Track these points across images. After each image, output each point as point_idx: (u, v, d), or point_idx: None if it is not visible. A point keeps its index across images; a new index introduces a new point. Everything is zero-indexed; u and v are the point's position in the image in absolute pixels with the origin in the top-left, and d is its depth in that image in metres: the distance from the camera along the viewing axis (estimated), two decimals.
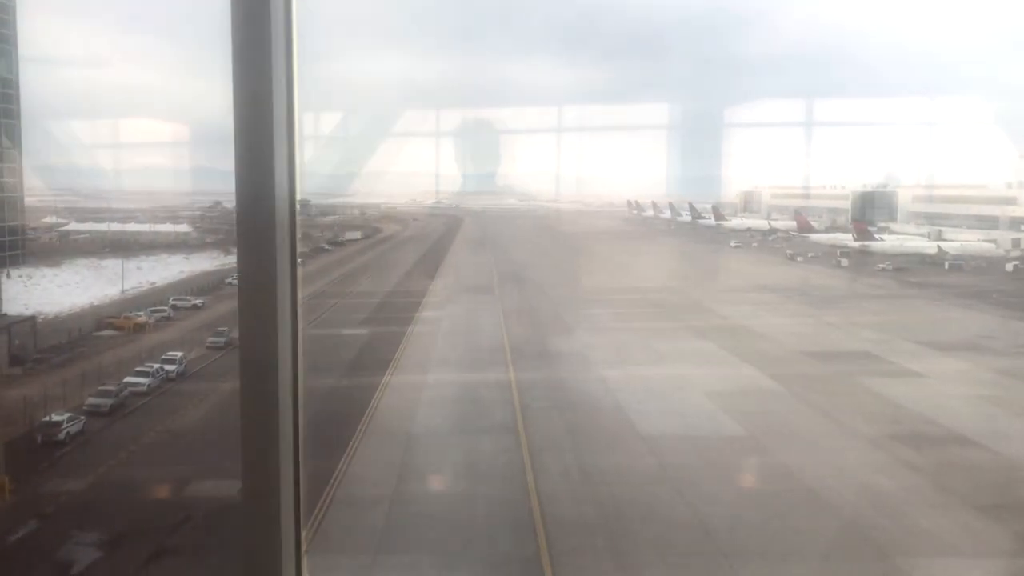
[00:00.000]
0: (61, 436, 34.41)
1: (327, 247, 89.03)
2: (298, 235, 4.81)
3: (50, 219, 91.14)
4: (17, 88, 60.93)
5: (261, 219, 4.46)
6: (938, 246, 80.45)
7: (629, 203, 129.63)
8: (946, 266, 77.39)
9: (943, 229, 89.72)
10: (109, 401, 38.33)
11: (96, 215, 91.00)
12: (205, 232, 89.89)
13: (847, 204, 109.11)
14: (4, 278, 58.56)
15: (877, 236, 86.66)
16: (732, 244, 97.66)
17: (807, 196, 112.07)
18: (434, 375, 46.75)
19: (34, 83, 65.49)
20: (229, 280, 68.91)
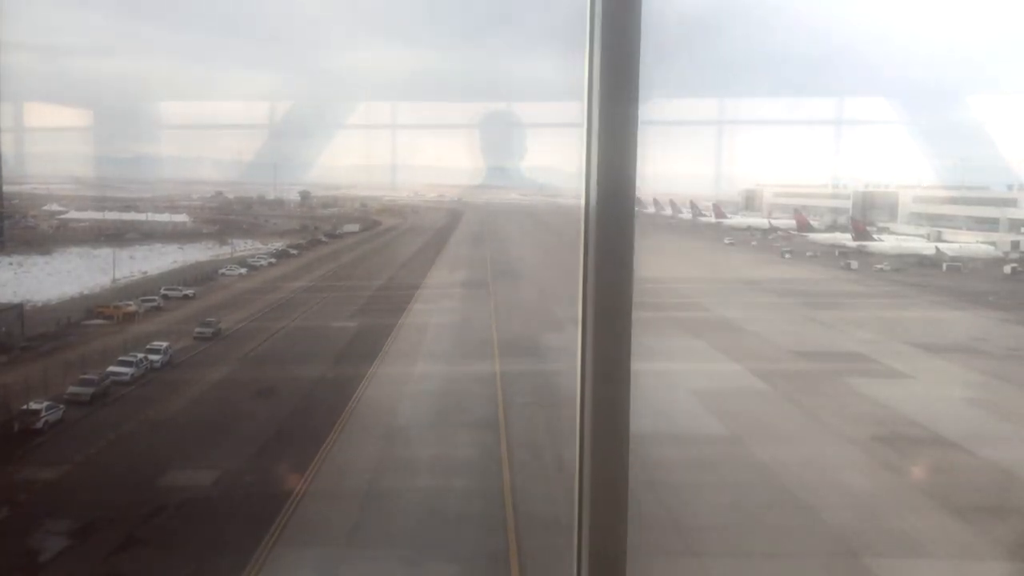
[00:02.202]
0: (39, 425, 34.48)
1: (324, 239, 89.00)
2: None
3: (50, 207, 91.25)
4: None
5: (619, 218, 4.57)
6: (936, 247, 79.98)
7: None
8: (944, 267, 76.92)
9: (943, 230, 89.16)
10: (90, 390, 38.29)
11: (97, 203, 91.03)
12: (203, 223, 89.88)
13: (849, 204, 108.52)
14: None
15: (876, 236, 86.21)
16: (726, 241, 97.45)
17: (809, 195, 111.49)
18: (421, 367, 46.76)
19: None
20: (223, 271, 68.98)
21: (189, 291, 60.65)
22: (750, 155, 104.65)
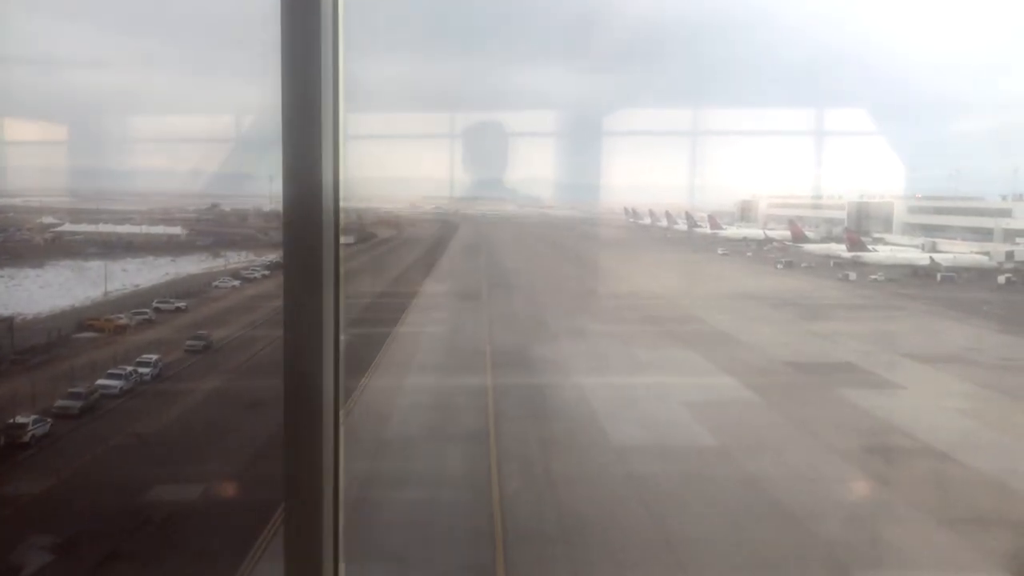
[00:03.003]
0: (26, 438, 34.31)
1: None
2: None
3: (46, 219, 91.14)
4: None
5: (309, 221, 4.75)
6: (930, 257, 79.98)
7: (626, 210, 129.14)
8: (938, 278, 76.95)
9: (937, 241, 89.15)
10: (79, 403, 38.14)
11: (92, 216, 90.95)
12: (197, 235, 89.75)
13: (844, 215, 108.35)
14: None
15: (871, 247, 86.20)
16: (720, 252, 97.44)
17: (804, 205, 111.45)
18: (412, 379, 46.63)
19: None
20: (216, 283, 68.82)
21: (181, 303, 60.49)
22: (745, 166, 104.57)
